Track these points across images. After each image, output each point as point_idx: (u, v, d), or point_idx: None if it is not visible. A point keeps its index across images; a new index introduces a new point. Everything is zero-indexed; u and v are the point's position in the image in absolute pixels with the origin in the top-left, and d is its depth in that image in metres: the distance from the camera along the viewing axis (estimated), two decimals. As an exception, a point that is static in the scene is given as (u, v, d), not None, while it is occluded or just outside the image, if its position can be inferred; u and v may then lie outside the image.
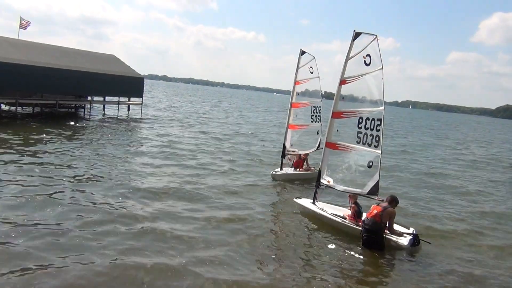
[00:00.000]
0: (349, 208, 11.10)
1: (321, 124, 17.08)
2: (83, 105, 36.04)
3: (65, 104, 33.76)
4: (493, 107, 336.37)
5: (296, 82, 17.00)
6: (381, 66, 10.17)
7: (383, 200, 10.46)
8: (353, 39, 10.66)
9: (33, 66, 26.93)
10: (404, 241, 9.88)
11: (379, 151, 10.25)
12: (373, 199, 10.52)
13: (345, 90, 10.98)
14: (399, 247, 9.86)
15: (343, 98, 11.07)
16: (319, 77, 16.88)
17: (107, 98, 37.41)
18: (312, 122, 17.42)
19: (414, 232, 10.11)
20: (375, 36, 10.29)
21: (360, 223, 10.30)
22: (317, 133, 17.45)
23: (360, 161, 10.70)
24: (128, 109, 39.69)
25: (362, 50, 10.47)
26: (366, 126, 10.41)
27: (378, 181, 10.34)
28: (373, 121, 10.32)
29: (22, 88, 27.14)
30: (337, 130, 11.27)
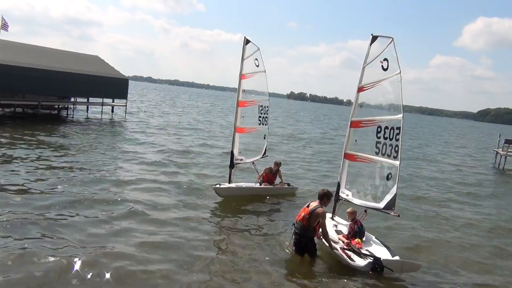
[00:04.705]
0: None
1: (268, 128, 15.03)
2: (66, 106, 35.37)
3: (48, 105, 32.92)
4: (475, 111, 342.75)
5: (241, 76, 13.99)
6: (398, 71, 9.48)
7: (398, 216, 9.81)
8: (371, 43, 9.96)
9: (15, 66, 26.18)
10: (361, 262, 8.73)
11: (398, 162, 9.45)
12: (389, 214, 9.80)
13: (363, 97, 10.27)
14: (352, 266, 8.70)
15: (361, 106, 10.37)
16: (265, 71, 14.43)
17: (90, 100, 36.67)
18: (259, 124, 14.68)
19: (399, 259, 8.86)
20: (391, 38, 9.58)
21: (352, 243, 9.37)
22: (264, 138, 14.92)
23: (378, 173, 9.91)
24: (112, 111, 39.04)
25: (380, 54, 9.80)
26: (385, 136, 9.66)
27: (395, 194, 9.55)
28: (392, 130, 9.56)
29: (4, 89, 26.27)
30: (355, 140, 10.57)
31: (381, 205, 9.72)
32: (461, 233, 12.44)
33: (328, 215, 11.07)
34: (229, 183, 13.99)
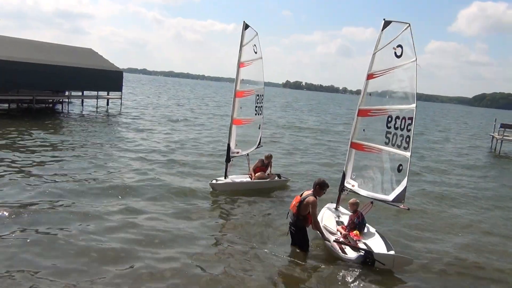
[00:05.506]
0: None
1: (263, 117, 14.75)
2: (60, 100, 34.88)
3: (42, 99, 32.33)
4: (470, 96, 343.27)
5: (240, 64, 13.33)
6: (414, 58, 8.94)
7: (408, 209, 9.46)
8: (382, 29, 9.47)
9: (8, 61, 25.73)
10: (352, 254, 8.47)
11: (409, 154, 8.99)
12: (398, 207, 9.41)
13: (373, 85, 9.78)
14: (343, 259, 8.52)
15: (370, 94, 9.87)
16: (261, 58, 13.86)
17: (85, 93, 36.33)
18: (255, 114, 14.26)
19: (392, 253, 8.47)
20: (407, 24, 9.04)
21: (350, 235, 9.20)
22: (259, 128, 14.58)
23: (388, 164, 9.45)
24: (107, 104, 38.75)
25: (393, 40, 9.28)
26: (396, 126, 9.22)
27: (406, 187, 9.12)
28: (403, 120, 9.10)
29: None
30: (363, 130, 10.10)
31: (390, 197, 9.31)
32: (462, 232, 11.73)
33: (332, 205, 10.95)
34: (225, 178, 13.56)
